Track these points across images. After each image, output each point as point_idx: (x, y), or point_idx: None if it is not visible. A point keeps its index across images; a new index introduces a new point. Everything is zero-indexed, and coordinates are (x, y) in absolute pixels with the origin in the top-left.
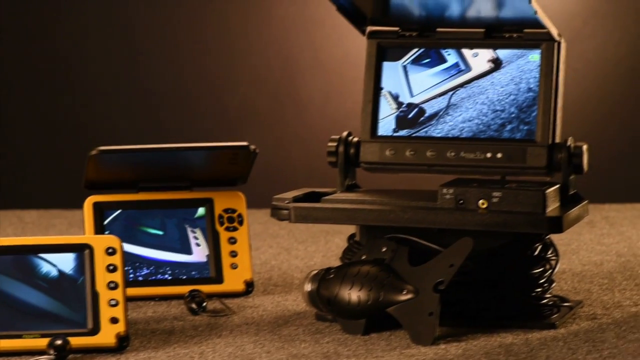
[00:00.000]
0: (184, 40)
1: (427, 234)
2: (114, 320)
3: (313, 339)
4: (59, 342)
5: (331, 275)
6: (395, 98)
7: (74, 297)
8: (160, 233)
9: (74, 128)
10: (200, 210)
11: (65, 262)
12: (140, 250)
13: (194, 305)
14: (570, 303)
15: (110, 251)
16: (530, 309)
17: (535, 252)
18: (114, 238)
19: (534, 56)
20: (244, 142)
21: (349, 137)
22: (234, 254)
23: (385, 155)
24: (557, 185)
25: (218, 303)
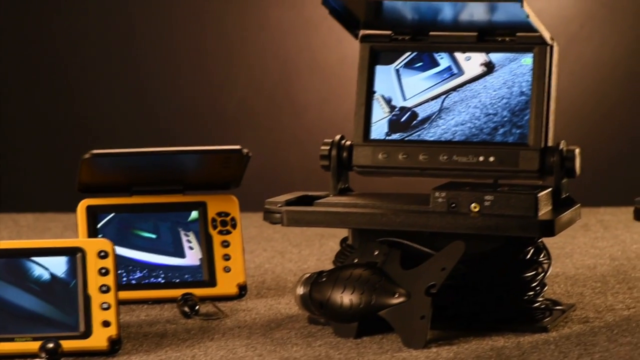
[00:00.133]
0: (182, 43)
1: (420, 238)
2: (106, 324)
3: (305, 342)
4: (50, 346)
5: (323, 279)
6: (388, 101)
7: (66, 301)
8: (154, 236)
9: (71, 131)
10: (194, 214)
11: (58, 266)
12: (134, 254)
13: (186, 309)
14: (563, 306)
15: (103, 254)
16: (522, 312)
17: (527, 256)
18: (106, 241)
19: (527, 60)
20: (237, 146)
21: (342, 141)
22: (227, 258)
23: (377, 158)
24: (549, 189)
25: (211, 306)
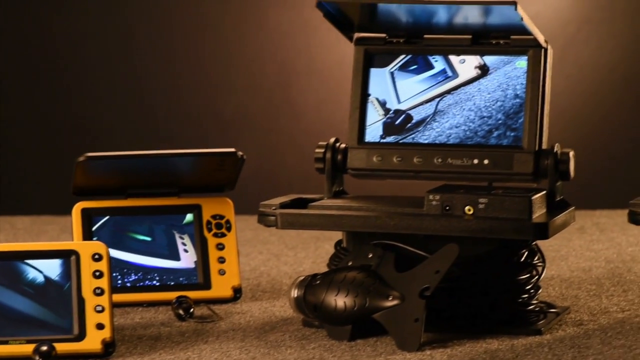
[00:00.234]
0: (179, 45)
1: (414, 240)
2: (100, 327)
3: (299, 345)
4: (44, 348)
5: (317, 282)
6: (382, 104)
7: (60, 303)
8: (149, 239)
9: (69, 133)
10: (189, 217)
11: (52, 268)
12: (129, 257)
13: (181, 312)
14: (557, 309)
15: (97, 257)
16: (516, 315)
17: (522, 259)
18: (100, 244)
19: (521, 62)
20: (232, 149)
21: (337, 144)
22: (222, 260)
23: (372, 161)
24: (544, 192)
25: (206, 309)
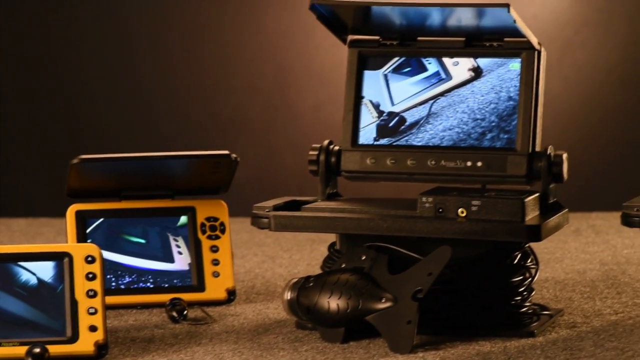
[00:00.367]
0: (177, 47)
1: (407, 243)
2: (93, 329)
3: (292, 347)
4: (37, 350)
5: (311, 284)
6: (376, 107)
7: (53, 305)
8: (143, 241)
9: (65, 136)
10: (183, 219)
11: (45, 271)
12: (123, 259)
13: (174, 314)
14: (550, 311)
15: (90, 259)
16: (509, 317)
17: (515, 261)
18: (93, 246)
19: (514, 65)
20: (226, 151)
21: (330, 146)
22: (216, 262)
23: (366, 163)
24: (537, 194)
25: (199, 311)
